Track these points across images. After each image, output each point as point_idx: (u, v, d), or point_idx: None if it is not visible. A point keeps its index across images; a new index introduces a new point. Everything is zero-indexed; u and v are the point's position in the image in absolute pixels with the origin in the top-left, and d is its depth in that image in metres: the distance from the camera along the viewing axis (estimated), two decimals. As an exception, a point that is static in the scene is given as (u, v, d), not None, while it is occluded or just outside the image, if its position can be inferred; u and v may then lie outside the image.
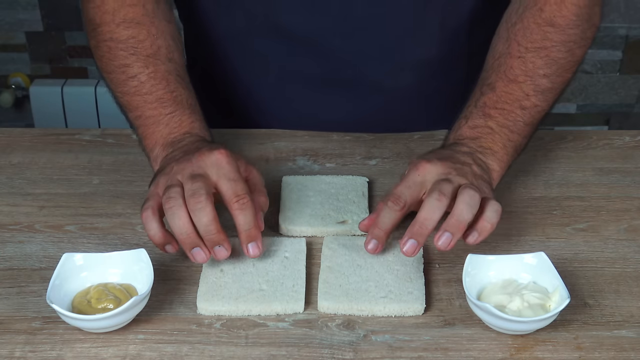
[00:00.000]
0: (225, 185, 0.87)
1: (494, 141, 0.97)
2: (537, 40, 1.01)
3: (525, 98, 1.00)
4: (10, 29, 2.42)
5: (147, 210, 0.87)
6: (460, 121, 1.00)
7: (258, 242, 0.87)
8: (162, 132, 0.98)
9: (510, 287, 0.84)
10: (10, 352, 0.80)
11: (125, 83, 1.02)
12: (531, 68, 1.01)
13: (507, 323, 0.80)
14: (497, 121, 0.98)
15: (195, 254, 0.86)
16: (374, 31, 1.12)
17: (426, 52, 1.16)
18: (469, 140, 0.97)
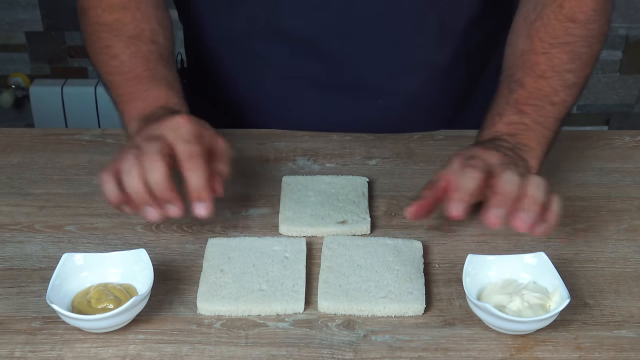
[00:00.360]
0: (180, 147, 0.87)
1: (529, 138, 0.97)
2: (560, 36, 1.02)
3: (554, 94, 1.00)
4: (10, 29, 2.42)
5: (104, 172, 0.88)
6: (494, 118, 0.99)
7: (207, 202, 0.87)
8: (139, 107, 0.99)
9: (510, 287, 0.84)
10: (10, 352, 0.80)
11: (107, 63, 1.05)
12: (557, 64, 1.01)
13: (507, 323, 0.80)
14: (530, 117, 0.98)
15: (147, 212, 0.87)
16: (375, 33, 1.12)
17: (426, 54, 1.16)
18: (508, 136, 0.96)
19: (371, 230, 0.97)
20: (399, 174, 1.08)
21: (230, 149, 0.93)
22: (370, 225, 0.97)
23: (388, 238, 0.94)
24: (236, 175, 1.07)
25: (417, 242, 0.94)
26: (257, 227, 0.98)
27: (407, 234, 0.97)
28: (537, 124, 0.98)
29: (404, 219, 0.99)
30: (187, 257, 0.93)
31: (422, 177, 1.07)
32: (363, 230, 0.97)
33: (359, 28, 1.11)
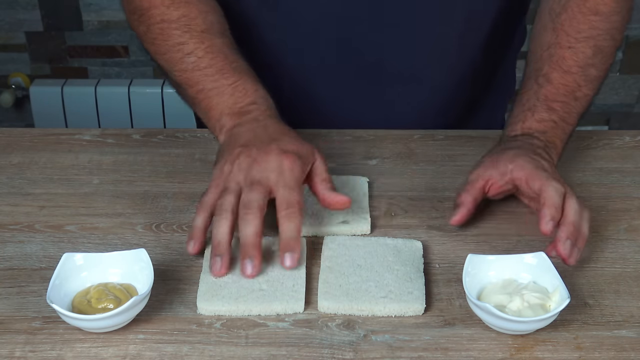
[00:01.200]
0: (280, 192, 0.88)
1: (556, 135, 1.00)
2: (584, 30, 1.03)
3: (578, 89, 1.03)
4: (10, 29, 2.42)
5: (201, 205, 0.90)
6: (526, 113, 1.01)
7: (295, 254, 0.87)
8: (227, 102, 0.98)
9: (510, 287, 0.84)
10: (10, 352, 0.80)
11: (182, 61, 1.02)
12: (582, 58, 1.03)
13: (507, 323, 0.80)
14: (558, 115, 1.01)
15: (215, 261, 0.87)
16: (391, 24, 1.12)
17: (450, 50, 1.16)
18: (540, 133, 1.00)
19: (371, 230, 0.97)
20: (399, 174, 1.08)
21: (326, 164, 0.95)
22: (370, 225, 0.97)
23: (388, 238, 0.94)
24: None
25: (417, 242, 0.94)
26: (257, 227, 0.98)
27: (407, 234, 0.97)
28: (563, 121, 1.01)
29: (404, 218, 0.99)
30: (187, 257, 0.93)
31: (422, 177, 1.07)
32: (363, 230, 0.97)
33: (375, 16, 1.11)
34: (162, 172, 1.08)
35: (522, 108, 1.02)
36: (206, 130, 1.17)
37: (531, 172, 0.93)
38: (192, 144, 1.14)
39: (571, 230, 0.88)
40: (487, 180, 0.95)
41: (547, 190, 0.90)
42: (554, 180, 0.91)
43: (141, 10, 1.05)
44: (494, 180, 0.95)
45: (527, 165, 0.93)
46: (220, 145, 0.97)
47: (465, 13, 1.13)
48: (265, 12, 1.13)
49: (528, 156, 0.95)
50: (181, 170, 1.08)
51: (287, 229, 0.86)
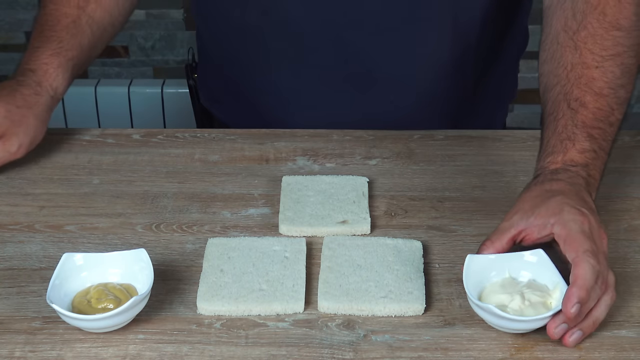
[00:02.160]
0: None
1: (596, 167, 0.92)
2: (609, 47, 0.97)
3: (611, 113, 0.96)
4: (10, 29, 2.42)
5: None
6: (565, 143, 0.93)
7: None
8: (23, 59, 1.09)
9: (510, 286, 0.84)
10: (10, 352, 0.80)
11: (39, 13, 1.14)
12: (612, 79, 0.96)
13: (510, 323, 0.80)
14: (598, 144, 0.93)
15: None
16: (387, 28, 1.12)
17: (437, 51, 1.16)
18: (581, 168, 0.91)
19: (371, 230, 0.97)
20: (399, 174, 1.08)
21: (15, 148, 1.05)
22: (370, 225, 0.97)
23: (388, 238, 0.94)
24: (236, 175, 1.07)
25: (417, 242, 0.94)
26: (257, 227, 0.98)
27: (407, 234, 0.97)
28: (602, 150, 0.94)
29: (404, 219, 0.99)
30: (187, 257, 0.93)
31: (422, 177, 1.07)
32: (363, 230, 0.97)
33: (372, 24, 1.11)
34: (162, 172, 1.07)
35: (559, 137, 0.93)
36: (206, 130, 1.17)
37: (571, 235, 0.83)
38: (192, 144, 1.14)
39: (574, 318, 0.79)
40: (521, 231, 0.86)
41: (582, 266, 0.80)
42: (591, 256, 0.80)
43: None
44: (530, 232, 0.86)
45: (571, 224, 0.83)
46: None
47: (454, 17, 1.13)
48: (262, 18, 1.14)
49: (575, 209, 0.85)
50: (181, 170, 1.08)
51: None
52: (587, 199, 0.88)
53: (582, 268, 0.80)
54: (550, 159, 0.93)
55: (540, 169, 0.93)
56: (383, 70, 1.16)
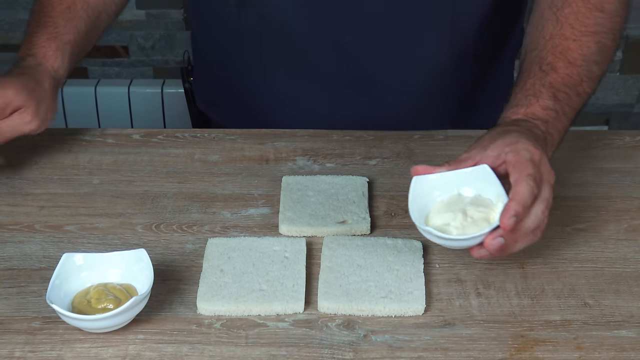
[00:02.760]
0: None
1: (556, 127, 0.96)
2: (590, 25, 1.02)
3: (580, 83, 1.00)
4: (10, 29, 2.42)
5: None
6: (530, 99, 0.97)
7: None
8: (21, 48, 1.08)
9: (454, 204, 0.85)
10: (10, 352, 0.80)
11: None
12: (587, 53, 1.01)
13: (451, 242, 0.82)
14: (561, 106, 0.98)
15: None
16: (385, 31, 1.12)
17: (436, 52, 1.16)
18: (541, 122, 0.95)
19: (371, 230, 0.97)
20: (399, 174, 1.08)
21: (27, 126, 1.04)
22: (370, 225, 0.97)
23: (388, 238, 0.94)
24: (236, 175, 1.07)
25: (417, 242, 0.94)
26: (257, 227, 0.98)
27: (407, 234, 0.97)
28: (564, 114, 0.98)
29: (404, 219, 0.99)
30: (187, 257, 0.93)
31: (422, 177, 1.07)
32: (363, 230, 0.97)
33: (369, 27, 1.11)
34: (162, 172, 1.07)
35: (525, 93, 0.98)
36: (206, 130, 1.17)
37: (520, 161, 0.86)
38: (192, 144, 1.14)
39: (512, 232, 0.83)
40: (478, 161, 0.89)
41: (521, 185, 0.84)
42: (532, 180, 0.84)
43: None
44: (486, 162, 0.88)
45: (522, 152, 0.87)
46: None
47: (452, 20, 1.13)
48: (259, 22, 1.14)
49: (530, 142, 0.88)
50: (181, 170, 1.08)
51: None
52: (542, 144, 0.91)
53: (520, 186, 0.83)
54: (513, 110, 0.97)
55: (503, 118, 0.98)
56: (382, 73, 1.16)
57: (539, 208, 0.84)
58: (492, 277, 0.90)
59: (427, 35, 1.14)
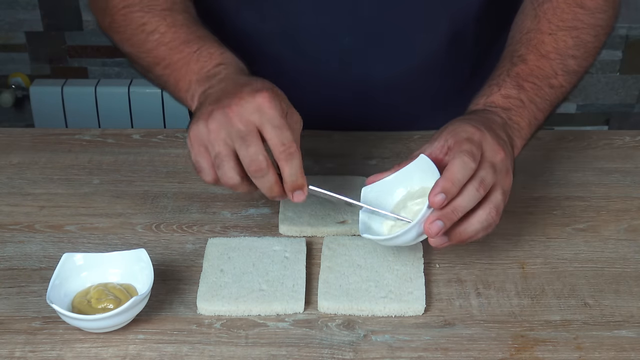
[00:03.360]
0: (270, 133, 0.83)
1: (521, 116, 0.94)
2: (568, 20, 1.01)
3: (554, 76, 0.99)
4: (10, 29, 2.42)
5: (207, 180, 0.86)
6: (492, 87, 0.96)
7: (304, 189, 0.85)
8: (194, 68, 0.93)
9: (399, 205, 0.87)
10: (10, 352, 0.80)
11: (146, 40, 0.99)
12: (562, 47, 1.00)
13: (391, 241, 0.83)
14: (527, 95, 0.96)
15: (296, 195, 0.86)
16: (384, 35, 1.12)
17: (434, 53, 1.16)
18: (501, 110, 0.94)
19: (371, 230, 0.97)
20: (399, 174, 1.08)
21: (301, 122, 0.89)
22: (370, 225, 0.97)
23: (388, 238, 0.94)
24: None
25: (417, 242, 0.94)
26: (257, 227, 0.98)
27: (407, 234, 0.96)
28: (532, 103, 0.96)
29: (404, 219, 0.99)
30: (187, 257, 0.93)
31: (422, 177, 1.07)
32: (363, 230, 0.97)
33: (366, 27, 1.11)
34: (162, 172, 1.07)
35: (489, 83, 0.97)
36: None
37: (457, 141, 0.85)
38: (192, 144, 1.14)
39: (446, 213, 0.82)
40: (429, 155, 0.87)
41: (453, 162, 0.82)
42: (467, 155, 0.82)
43: (104, 2, 1.05)
44: (434, 155, 0.87)
45: (461, 134, 0.86)
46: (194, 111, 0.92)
47: (448, 20, 1.13)
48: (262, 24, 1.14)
49: (470, 125, 0.87)
50: (181, 170, 1.08)
51: (289, 171, 0.84)
52: (497, 130, 0.89)
53: (452, 164, 0.82)
54: (475, 101, 0.96)
55: (464, 112, 0.96)
56: (381, 75, 1.16)
57: (472, 186, 0.82)
58: (492, 277, 0.90)
59: (425, 37, 1.14)
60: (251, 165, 0.82)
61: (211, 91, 0.89)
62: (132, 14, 1.01)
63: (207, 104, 0.86)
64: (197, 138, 0.85)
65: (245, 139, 0.82)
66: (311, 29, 1.12)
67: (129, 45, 1.02)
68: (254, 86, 0.86)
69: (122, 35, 1.03)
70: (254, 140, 0.82)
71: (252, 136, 0.82)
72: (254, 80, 0.88)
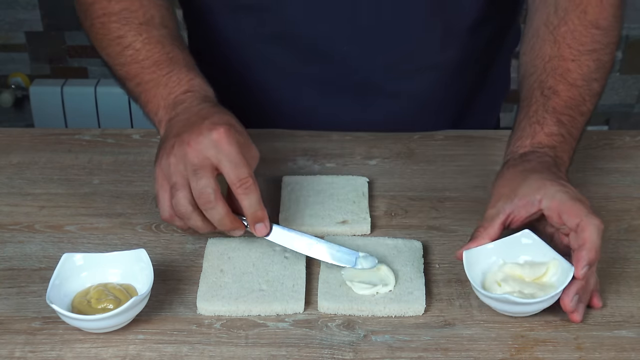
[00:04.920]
0: (226, 169, 0.87)
1: (564, 150, 0.95)
2: (587, 43, 1.01)
3: (583, 103, 0.99)
4: (10, 29, 2.42)
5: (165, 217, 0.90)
6: (534, 127, 0.96)
7: (265, 222, 0.89)
8: (162, 93, 0.97)
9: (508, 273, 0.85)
10: (10, 352, 0.80)
11: (121, 54, 1.01)
12: (586, 72, 1.00)
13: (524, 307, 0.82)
14: (567, 129, 0.96)
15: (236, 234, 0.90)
16: (381, 38, 1.12)
17: (431, 56, 1.16)
18: (549, 149, 0.94)
19: (371, 230, 0.97)
20: (399, 174, 1.08)
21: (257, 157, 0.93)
22: (370, 225, 0.97)
23: (388, 238, 0.94)
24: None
25: (417, 242, 0.94)
26: (257, 227, 0.98)
27: (407, 234, 0.97)
28: (570, 136, 0.97)
29: (404, 219, 0.99)
30: (187, 257, 0.93)
31: (422, 177, 1.07)
32: (363, 230, 0.97)
33: (366, 32, 1.11)
34: (162, 172, 1.07)
35: (529, 121, 0.97)
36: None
37: (566, 204, 0.85)
38: (192, 144, 1.13)
39: (582, 285, 0.83)
40: (509, 214, 0.88)
41: (589, 229, 0.83)
42: (593, 217, 0.84)
43: (86, 5, 1.06)
44: (517, 213, 0.87)
45: (559, 195, 0.86)
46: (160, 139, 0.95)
47: (447, 24, 1.13)
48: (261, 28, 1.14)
49: (555, 181, 0.87)
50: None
51: (249, 205, 0.87)
52: (559, 173, 0.91)
53: (589, 231, 0.82)
54: (520, 143, 0.96)
55: (510, 153, 0.96)
56: (381, 80, 1.16)
57: None
58: (492, 277, 0.90)
59: (424, 41, 1.14)
60: (200, 197, 0.86)
61: (175, 121, 0.93)
62: (110, 24, 1.03)
63: (171, 137, 0.91)
64: (161, 172, 0.89)
65: (197, 172, 0.86)
66: (310, 36, 1.12)
67: (106, 55, 1.05)
68: (214, 119, 0.90)
69: (100, 43, 1.05)
70: (205, 173, 0.86)
71: (204, 170, 0.86)
72: (215, 113, 0.92)
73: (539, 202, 0.86)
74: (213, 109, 0.93)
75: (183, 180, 0.87)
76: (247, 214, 0.88)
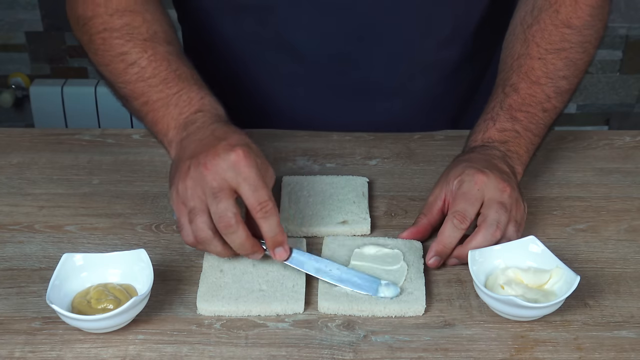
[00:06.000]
0: (246, 192, 0.84)
1: (519, 145, 0.99)
2: (556, 42, 1.02)
3: (547, 100, 1.01)
4: (10, 29, 2.42)
5: (188, 242, 0.87)
6: (487, 123, 1.01)
7: (285, 245, 0.87)
8: (172, 113, 0.94)
9: (509, 276, 0.86)
10: (10, 352, 0.80)
11: (125, 72, 0.97)
12: (552, 70, 1.02)
13: (527, 311, 0.82)
14: (522, 124, 1.00)
15: None
16: (384, 37, 1.12)
17: (434, 55, 1.16)
18: (499, 143, 0.98)
19: (371, 230, 0.97)
20: (399, 174, 1.08)
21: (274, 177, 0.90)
22: (370, 225, 0.97)
23: (388, 238, 0.94)
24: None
25: (417, 242, 0.94)
26: (257, 227, 0.98)
27: (407, 234, 0.96)
28: (528, 131, 1.00)
29: (404, 219, 0.99)
30: (187, 257, 0.93)
31: (422, 177, 1.07)
32: (363, 230, 0.97)
33: (368, 32, 1.11)
34: (162, 172, 1.07)
35: (484, 117, 1.01)
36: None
37: (456, 195, 0.92)
38: (192, 144, 1.13)
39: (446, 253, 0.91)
40: (444, 200, 0.94)
41: (445, 225, 0.90)
42: (456, 216, 0.90)
43: (84, 19, 1.01)
44: (448, 199, 0.93)
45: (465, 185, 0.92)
46: (172, 161, 0.93)
47: (449, 25, 1.13)
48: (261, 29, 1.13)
49: (475, 169, 0.92)
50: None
51: (268, 229, 0.85)
52: (496, 162, 0.95)
53: (444, 227, 0.90)
54: (473, 137, 1.01)
55: (465, 146, 1.02)
56: (382, 80, 1.16)
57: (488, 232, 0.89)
58: (492, 277, 0.90)
59: (425, 41, 1.14)
60: (220, 222, 0.84)
61: (187, 142, 0.91)
62: (112, 39, 0.99)
63: (185, 159, 0.88)
64: (179, 197, 0.87)
65: (217, 196, 0.84)
66: (309, 36, 1.12)
67: (107, 71, 1.01)
68: (230, 141, 0.86)
69: (101, 59, 1.01)
70: (224, 196, 0.83)
71: (224, 193, 0.84)
72: (230, 133, 0.89)
73: (456, 189, 0.92)
74: (227, 129, 0.91)
75: (202, 204, 0.85)
76: (267, 237, 0.86)
